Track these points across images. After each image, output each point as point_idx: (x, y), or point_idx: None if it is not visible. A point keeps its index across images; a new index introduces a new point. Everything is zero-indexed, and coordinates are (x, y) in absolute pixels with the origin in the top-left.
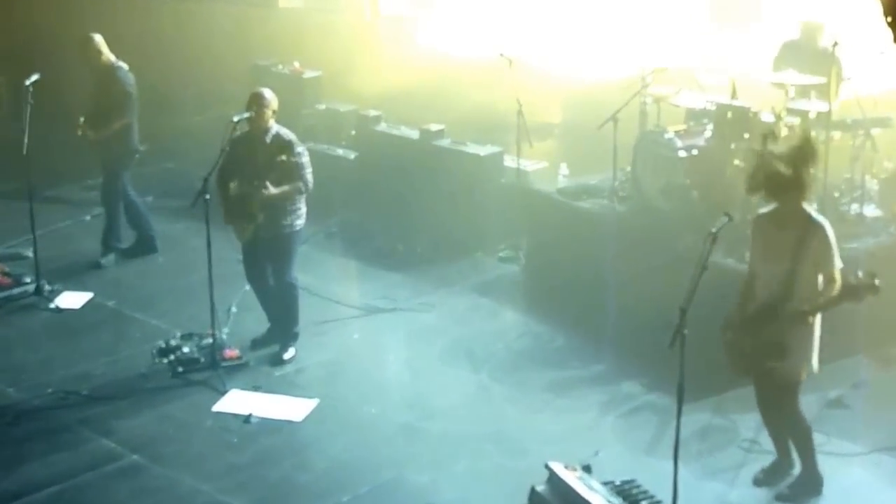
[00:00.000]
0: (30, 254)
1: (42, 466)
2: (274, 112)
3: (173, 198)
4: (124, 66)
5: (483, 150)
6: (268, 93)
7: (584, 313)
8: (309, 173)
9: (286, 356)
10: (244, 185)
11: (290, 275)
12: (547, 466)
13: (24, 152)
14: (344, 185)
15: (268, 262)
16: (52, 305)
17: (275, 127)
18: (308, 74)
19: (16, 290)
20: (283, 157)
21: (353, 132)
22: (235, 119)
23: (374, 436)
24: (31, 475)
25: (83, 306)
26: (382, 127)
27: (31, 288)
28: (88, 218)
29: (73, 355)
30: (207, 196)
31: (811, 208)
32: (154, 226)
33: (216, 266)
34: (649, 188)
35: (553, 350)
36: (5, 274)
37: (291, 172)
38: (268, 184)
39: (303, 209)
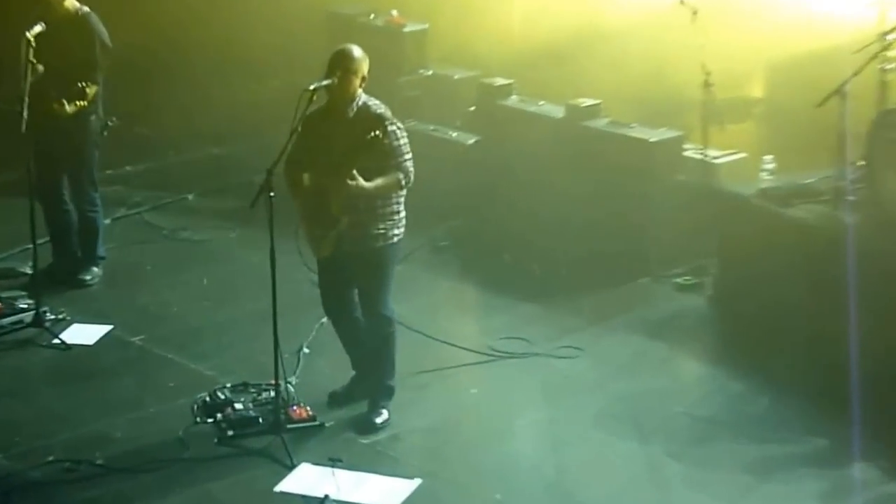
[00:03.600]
0: (28, 269)
1: None
2: (364, 79)
3: (222, 196)
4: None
5: (654, 135)
6: (356, 51)
7: (798, 366)
8: (409, 160)
9: (378, 419)
10: (320, 178)
11: (386, 305)
12: None
13: (23, 130)
14: (458, 180)
15: (354, 286)
16: (56, 341)
17: (362, 97)
18: (410, 28)
19: (8, 320)
20: (373, 136)
21: (473, 108)
22: (311, 87)
23: None
24: None
25: (98, 342)
26: (513, 101)
27: (30, 317)
28: (108, 221)
29: (84, 410)
30: (272, 194)
31: None
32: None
33: (283, 290)
34: (892, 190)
35: (753, 416)
36: None
37: (385, 159)
38: (355, 174)
39: (401, 213)
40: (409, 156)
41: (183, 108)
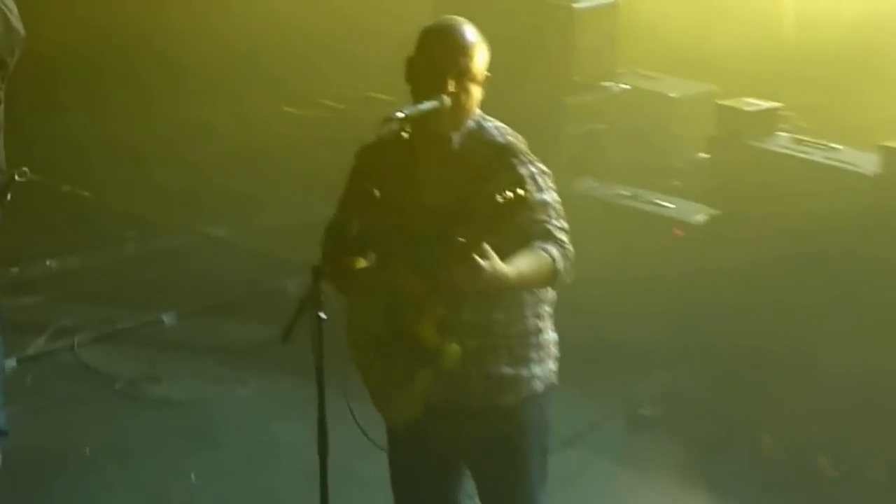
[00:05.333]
0: None
1: None
2: (485, 81)
3: (224, 318)
4: None
5: None
6: (469, 32)
7: None
8: (564, 227)
9: None
10: (404, 269)
11: None
12: None
13: None
14: (675, 290)
15: (459, 477)
16: None
17: (476, 115)
18: (586, 2)
19: None
20: (516, 195)
21: (705, 154)
22: (401, 115)
23: None
24: None
25: None
26: (782, 142)
27: None
28: (13, 364)
29: None
30: (324, 315)
31: None
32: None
33: (340, 496)
34: None
35: None
36: None
37: (524, 223)
38: (487, 249)
39: (549, 334)
40: (564, 223)
41: (148, 151)
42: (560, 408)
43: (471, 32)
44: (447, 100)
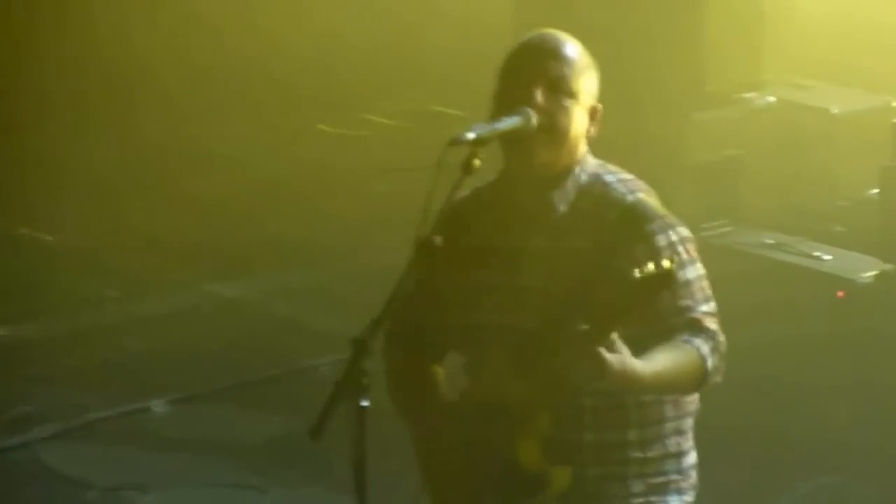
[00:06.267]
0: None
1: None
2: (595, 114)
3: (233, 405)
4: None
5: None
6: (570, 47)
7: None
8: (711, 309)
9: None
10: (499, 373)
11: None
12: None
13: None
14: (831, 365)
15: None
16: None
17: (588, 162)
18: None
19: None
20: (662, 269)
21: (876, 190)
22: (469, 136)
23: None
24: None
25: None
26: None
27: None
28: None
29: None
30: (366, 402)
31: None
32: None
33: None
34: None
35: None
36: None
37: (665, 311)
38: (616, 341)
39: (692, 459)
40: (712, 305)
41: (137, 183)
42: None
43: (573, 46)
44: (533, 116)
